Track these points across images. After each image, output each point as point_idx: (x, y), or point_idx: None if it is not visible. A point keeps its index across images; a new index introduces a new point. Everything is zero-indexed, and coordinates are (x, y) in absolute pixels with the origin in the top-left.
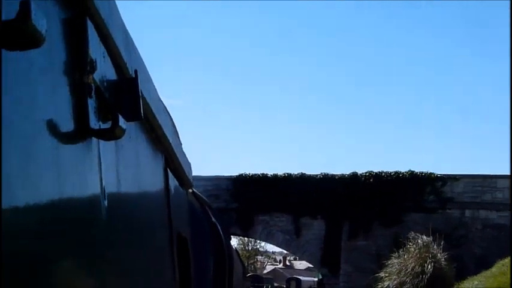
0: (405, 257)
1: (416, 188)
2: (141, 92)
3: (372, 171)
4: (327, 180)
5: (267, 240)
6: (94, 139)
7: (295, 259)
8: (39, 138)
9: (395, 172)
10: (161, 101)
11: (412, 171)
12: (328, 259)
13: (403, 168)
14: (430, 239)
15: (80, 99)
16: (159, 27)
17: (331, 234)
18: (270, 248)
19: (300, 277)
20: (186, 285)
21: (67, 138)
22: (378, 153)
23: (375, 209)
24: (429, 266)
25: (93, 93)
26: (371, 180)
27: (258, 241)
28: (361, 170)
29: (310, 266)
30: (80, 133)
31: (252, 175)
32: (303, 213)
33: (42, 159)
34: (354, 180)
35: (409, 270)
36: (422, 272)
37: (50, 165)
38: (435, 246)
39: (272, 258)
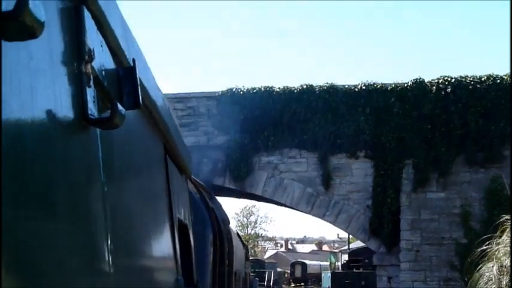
0: None
1: None
2: (140, 81)
3: (448, 77)
4: (372, 93)
5: (275, 195)
6: (93, 128)
7: (297, 242)
8: (38, 128)
9: (489, 77)
10: (160, 89)
11: None
12: (379, 225)
13: (499, 70)
14: None
15: (78, 89)
16: None
17: (383, 182)
18: (271, 231)
19: (306, 261)
20: (188, 272)
21: (66, 128)
22: (455, 51)
23: (456, 137)
24: None
25: (91, 83)
26: (448, 90)
27: (259, 223)
28: (429, 77)
29: (315, 249)
30: (79, 123)
31: (249, 90)
32: (334, 149)
33: (41, 149)
34: (418, 91)
35: None
36: None
37: (49, 155)
38: None
39: (273, 241)
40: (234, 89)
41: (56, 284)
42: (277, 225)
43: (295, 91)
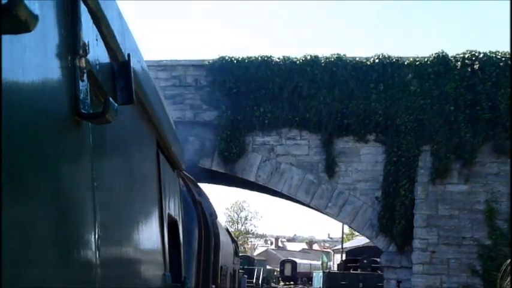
0: None
1: None
2: (134, 75)
3: (475, 51)
4: (386, 68)
5: (271, 181)
6: (85, 122)
7: (288, 240)
8: (29, 122)
9: None
10: (154, 84)
11: None
12: (389, 221)
13: None
14: None
15: (71, 83)
16: None
17: (396, 171)
18: (261, 228)
19: (296, 259)
20: (176, 268)
21: (57, 123)
22: (484, 23)
23: (483, 122)
24: None
25: (85, 77)
26: (475, 66)
27: (249, 219)
28: (453, 51)
29: (306, 247)
30: (71, 117)
31: (244, 59)
32: (340, 131)
33: (32, 142)
34: (440, 67)
35: None
36: None
37: (39, 149)
38: None
39: (263, 238)
40: (226, 57)
41: (44, 276)
42: (267, 222)
43: (298, 62)
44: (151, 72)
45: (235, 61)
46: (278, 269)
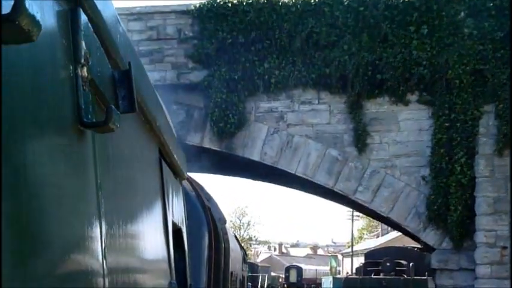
0: None
1: None
2: (135, 84)
3: None
4: (431, 4)
5: (281, 160)
6: (88, 131)
7: (292, 246)
8: (32, 131)
9: None
10: (155, 92)
11: None
12: (442, 207)
13: None
14: None
15: (73, 92)
16: None
17: (449, 141)
18: (264, 235)
19: (301, 265)
20: (182, 276)
21: (60, 132)
22: None
23: None
24: None
25: (86, 86)
26: None
27: (252, 224)
28: None
29: (310, 253)
30: (74, 126)
31: (240, 1)
32: (372, 90)
33: (35, 152)
34: None
35: None
36: None
37: (43, 159)
38: None
39: (267, 244)
40: (218, 0)
41: (54, 286)
42: (270, 228)
43: (312, 2)
44: (123, 22)
45: (229, 4)
46: (283, 276)
